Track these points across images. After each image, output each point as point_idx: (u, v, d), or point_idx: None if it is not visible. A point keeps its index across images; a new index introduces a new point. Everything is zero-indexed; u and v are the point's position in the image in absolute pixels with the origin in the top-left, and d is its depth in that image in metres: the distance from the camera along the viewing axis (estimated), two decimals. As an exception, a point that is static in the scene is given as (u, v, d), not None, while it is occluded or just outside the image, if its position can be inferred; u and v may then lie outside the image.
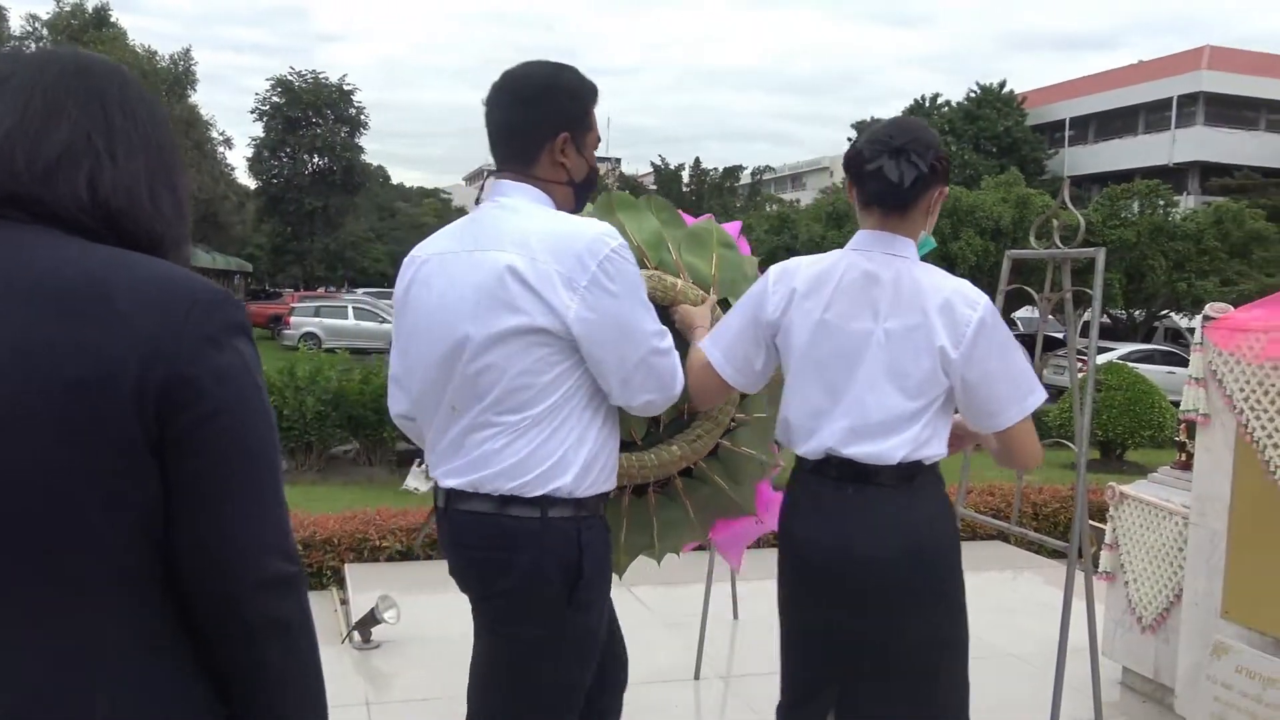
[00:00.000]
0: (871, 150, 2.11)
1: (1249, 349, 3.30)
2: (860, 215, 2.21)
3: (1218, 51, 40.63)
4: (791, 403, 2.19)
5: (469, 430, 1.95)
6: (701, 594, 4.33)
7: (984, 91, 43.03)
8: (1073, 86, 46.04)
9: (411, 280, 2.06)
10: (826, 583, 2.14)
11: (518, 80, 2.05)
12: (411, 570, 5.67)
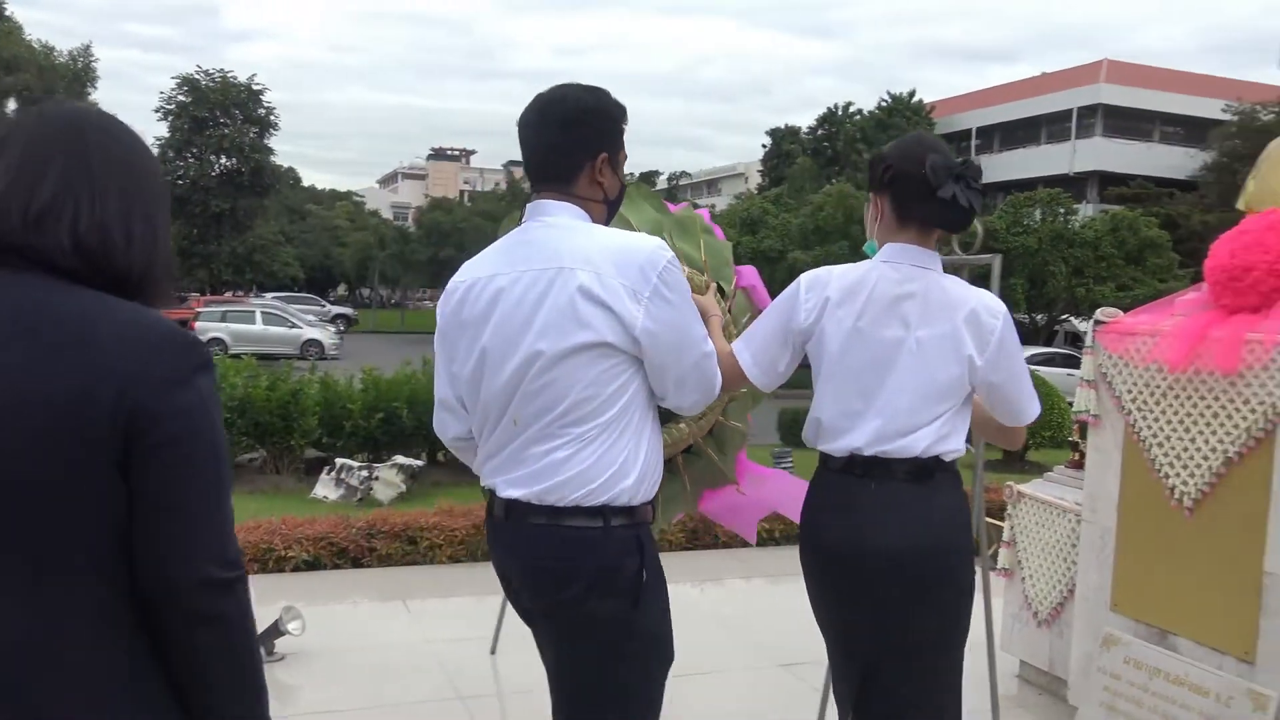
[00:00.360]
0: (939, 176, 2.24)
1: (1136, 352, 3.43)
2: (889, 228, 2.34)
3: (1115, 65, 42.16)
4: (824, 404, 2.33)
5: (532, 442, 2.01)
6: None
7: (895, 101, 43.96)
8: (979, 97, 47.32)
9: (463, 301, 2.09)
10: (858, 576, 2.28)
11: (558, 104, 2.11)
12: (319, 580, 5.57)
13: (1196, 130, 39.80)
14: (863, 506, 2.27)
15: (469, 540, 6.00)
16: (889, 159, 2.33)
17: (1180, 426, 3.26)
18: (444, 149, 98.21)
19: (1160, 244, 27.76)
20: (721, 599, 5.72)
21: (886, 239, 2.34)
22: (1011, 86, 46.24)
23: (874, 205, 2.38)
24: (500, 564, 2.15)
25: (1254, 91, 34.26)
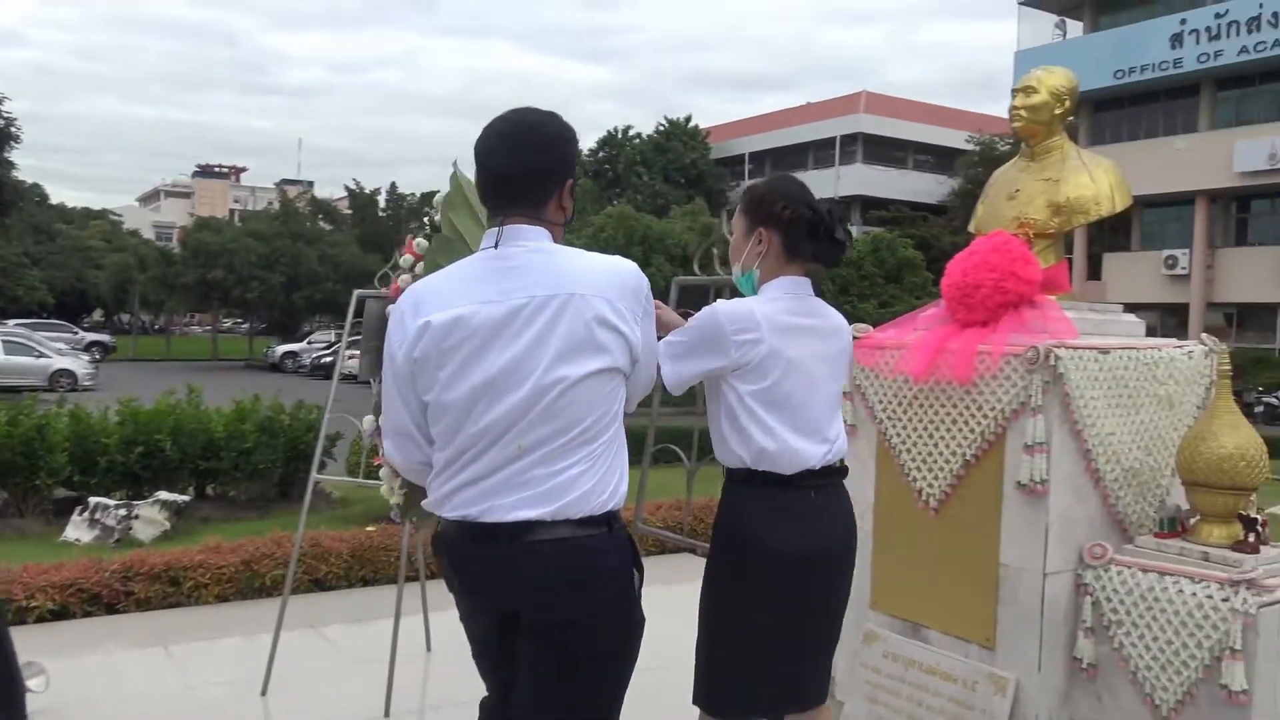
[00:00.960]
0: (831, 219, 2.55)
1: (884, 364, 3.67)
2: (776, 262, 2.60)
3: (873, 97, 45.07)
4: (775, 433, 2.53)
5: (541, 463, 2.04)
6: (390, 628, 4.22)
7: (672, 125, 45.30)
8: (751, 124, 49.42)
9: (449, 330, 2.05)
10: (803, 574, 2.56)
11: (532, 130, 2.13)
12: (67, 631, 5.15)
13: (945, 158, 43.11)
14: (811, 514, 2.58)
15: (238, 577, 5.70)
16: (781, 198, 2.57)
17: (924, 433, 3.50)
18: (212, 166, 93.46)
19: (915, 263, 29.84)
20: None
21: (776, 271, 2.59)
22: (781, 114, 48.58)
23: (759, 238, 2.59)
24: (490, 585, 2.13)
25: (992, 124, 37.45)
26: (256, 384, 11.19)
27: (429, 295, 2.11)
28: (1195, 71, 28.95)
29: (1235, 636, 2.90)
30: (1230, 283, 29.42)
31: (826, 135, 44.38)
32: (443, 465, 2.11)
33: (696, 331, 2.54)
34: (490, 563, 2.09)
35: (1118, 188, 3.60)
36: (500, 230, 2.10)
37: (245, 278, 37.77)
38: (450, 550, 2.16)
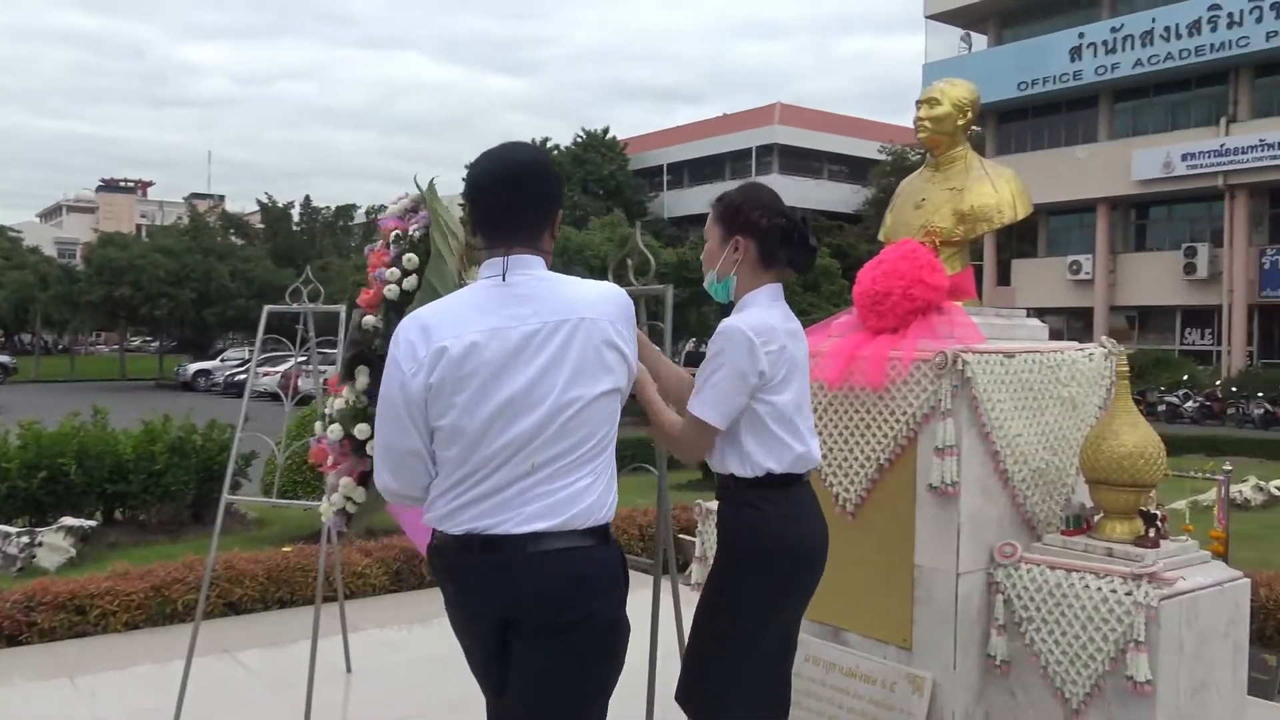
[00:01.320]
0: (804, 226, 2.63)
1: (800, 372, 3.72)
2: (753, 270, 2.65)
3: (787, 109, 45.72)
4: (802, 439, 2.62)
5: (551, 479, 2.15)
6: (308, 651, 4.13)
7: (590, 137, 45.36)
8: (668, 135, 49.73)
9: (465, 357, 2.13)
10: (815, 568, 2.67)
11: (529, 166, 2.27)
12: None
13: (858, 168, 43.94)
14: (814, 507, 2.69)
15: (148, 604, 5.53)
16: (757, 207, 2.63)
17: (841, 439, 3.56)
18: (117, 180, 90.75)
19: (832, 272, 30.30)
20: (431, 639, 5.61)
21: (753, 279, 2.66)
22: (697, 125, 48.97)
23: (735, 246, 2.64)
24: (495, 592, 2.18)
25: (904, 134, 38.26)
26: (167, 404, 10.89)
27: (438, 322, 2.19)
28: (1093, 83, 30.00)
29: (1138, 629, 3.00)
30: (1131, 286, 30.51)
31: (743, 146, 44.88)
32: (450, 485, 2.19)
33: (727, 355, 2.53)
34: (497, 572, 2.17)
35: (1019, 196, 3.71)
36: (506, 260, 2.21)
37: (154, 295, 36.70)
38: (452, 562, 2.24)
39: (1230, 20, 26.95)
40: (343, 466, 2.84)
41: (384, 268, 2.85)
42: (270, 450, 4.90)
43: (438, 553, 2.28)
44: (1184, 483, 8.42)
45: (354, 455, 2.79)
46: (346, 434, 2.78)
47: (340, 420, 2.75)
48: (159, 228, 48.58)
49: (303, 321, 4.49)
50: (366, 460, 2.75)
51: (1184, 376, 26.00)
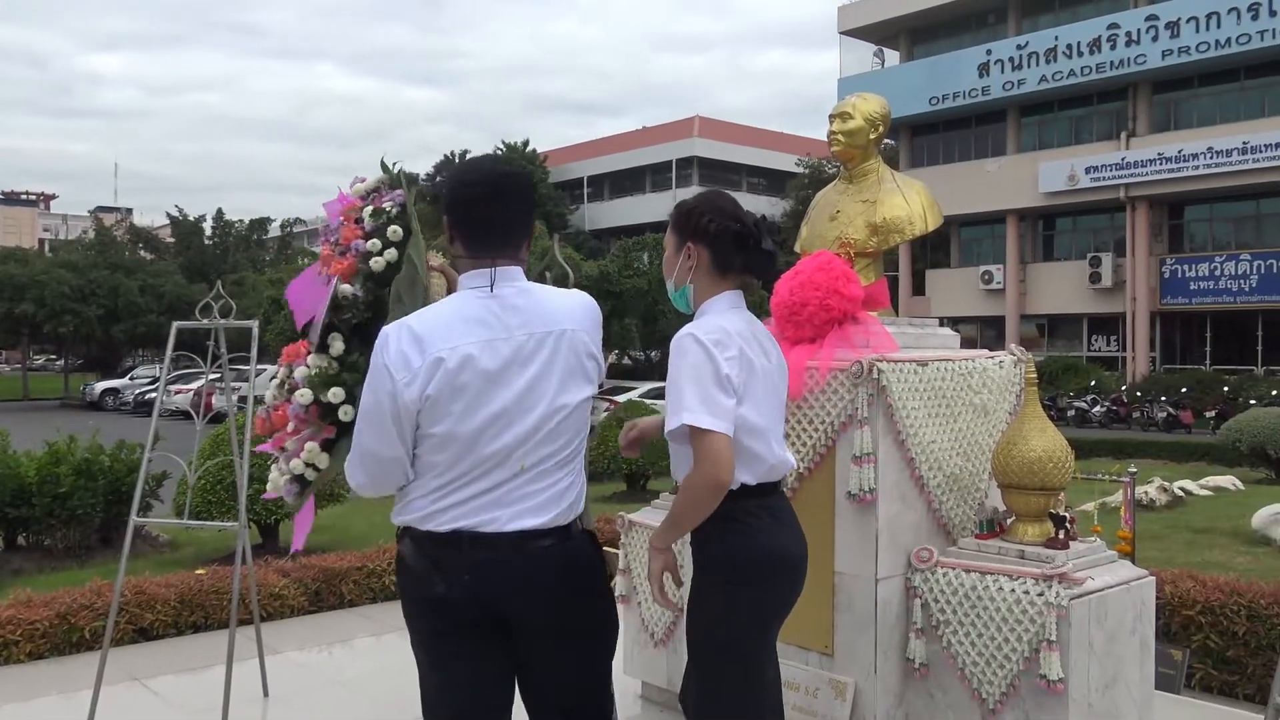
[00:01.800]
0: (759, 231, 2.53)
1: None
2: (709, 277, 2.56)
3: (706, 122, 46.17)
4: (771, 448, 2.51)
5: (536, 479, 2.28)
6: (223, 676, 4.03)
7: (509, 149, 45.22)
8: (588, 148, 49.83)
9: (462, 367, 2.22)
10: (801, 575, 2.59)
11: (512, 179, 2.37)
12: None
13: (776, 181, 44.55)
14: (791, 514, 2.61)
15: (53, 632, 5.33)
16: (708, 212, 2.54)
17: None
18: (18, 192, 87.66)
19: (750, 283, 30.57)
20: (351, 660, 5.51)
21: (711, 286, 2.57)
22: (617, 138, 49.17)
23: (688, 253, 2.56)
24: (490, 590, 2.26)
25: (820, 147, 38.90)
26: (73, 424, 10.53)
27: (430, 333, 2.24)
28: (1001, 98, 30.89)
29: (1050, 628, 3.08)
30: (1040, 295, 31.42)
31: (663, 159, 45.18)
32: (435, 487, 2.27)
33: (685, 361, 2.40)
34: (488, 568, 2.26)
35: (929, 208, 3.80)
36: (494, 272, 2.29)
37: (58, 311, 35.47)
38: (436, 558, 2.28)
39: (1128, 39, 28.01)
40: (305, 433, 2.77)
41: (360, 239, 2.79)
42: (183, 470, 4.77)
43: (417, 550, 2.31)
44: (1092, 485, 8.69)
45: (320, 421, 2.72)
46: (315, 399, 2.70)
47: (310, 385, 2.67)
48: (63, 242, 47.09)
49: (214, 338, 4.38)
50: (333, 427, 2.70)
51: (1092, 382, 26.85)
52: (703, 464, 2.33)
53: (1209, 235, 29.40)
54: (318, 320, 2.85)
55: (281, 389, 2.85)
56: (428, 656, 2.40)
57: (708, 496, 2.35)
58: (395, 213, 2.86)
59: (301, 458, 2.75)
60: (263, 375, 18.01)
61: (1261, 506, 9.59)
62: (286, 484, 2.84)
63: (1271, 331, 27.45)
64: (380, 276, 2.75)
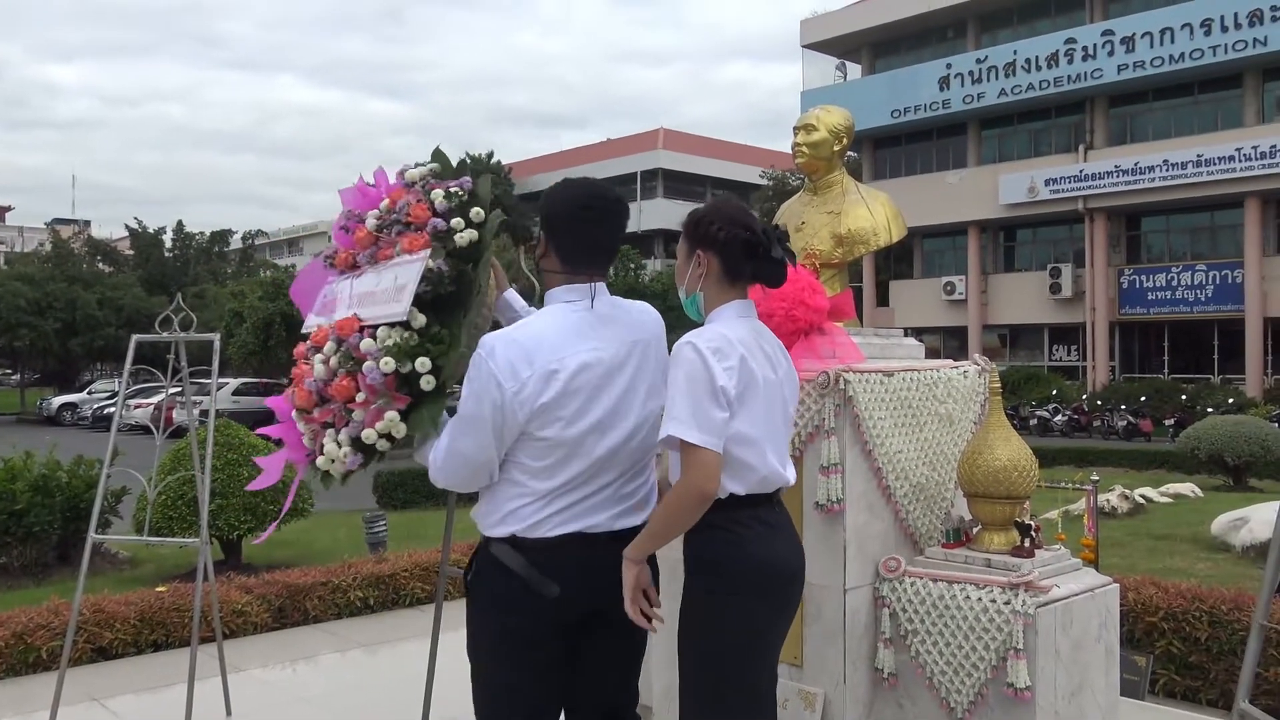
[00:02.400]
0: (769, 239, 2.49)
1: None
2: (719, 285, 2.52)
3: (670, 134, 46.38)
4: (766, 460, 2.45)
5: (632, 479, 2.50)
6: (184, 695, 3.96)
7: (474, 161, 45.08)
8: (553, 160, 49.86)
9: (575, 375, 2.37)
10: (796, 589, 2.54)
11: (615, 202, 2.55)
12: None
13: (741, 193, 44.64)
14: (787, 527, 2.56)
15: (9, 652, 5.21)
16: (717, 220, 2.51)
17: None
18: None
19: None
20: (315, 677, 5.43)
21: (720, 294, 2.54)
22: (582, 150, 49.25)
23: (698, 261, 2.53)
24: (590, 585, 2.41)
25: (784, 160, 39.17)
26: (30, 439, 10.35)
27: (538, 344, 2.39)
28: (962, 111, 31.27)
29: (1017, 636, 3.10)
30: (1002, 305, 31.79)
31: (628, 170, 45.29)
32: (544, 492, 2.41)
33: (680, 369, 2.39)
34: (596, 567, 2.40)
35: (894, 219, 3.83)
36: (594, 288, 2.49)
37: (13, 325, 34.90)
38: (550, 562, 2.39)
39: (1085, 53, 28.47)
40: (378, 403, 2.68)
41: (437, 218, 2.80)
42: (143, 486, 4.69)
43: (525, 556, 2.40)
44: (1056, 493, 8.77)
45: (392, 391, 2.67)
46: (396, 369, 2.65)
47: (393, 355, 2.63)
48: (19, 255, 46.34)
49: (174, 351, 4.32)
50: (407, 398, 2.66)
51: (1053, 391, 27.18)
52: (687, 475, 2.33)
53: (1165, 246, 29.90)
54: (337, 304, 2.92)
55: (345, 361, 2.75)
56: (509, 662, 2.46)
57: (690, 508, 2.34)
58: (465, 198, 2.87)
59: (377, 427, 2.66)
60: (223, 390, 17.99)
61: (1220, 513, 9.73)
62: (351, 455, 2.75)
63: (1227, 341, 27.94)
64: (462, 253, 2.77)
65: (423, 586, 6.74)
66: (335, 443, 2.77)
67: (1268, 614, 2.84)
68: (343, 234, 3.12)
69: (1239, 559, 8.55)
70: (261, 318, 27.92)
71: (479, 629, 2.51)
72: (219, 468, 7.90)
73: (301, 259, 53.44)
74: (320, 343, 2.87)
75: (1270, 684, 4.50)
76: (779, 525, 2.53)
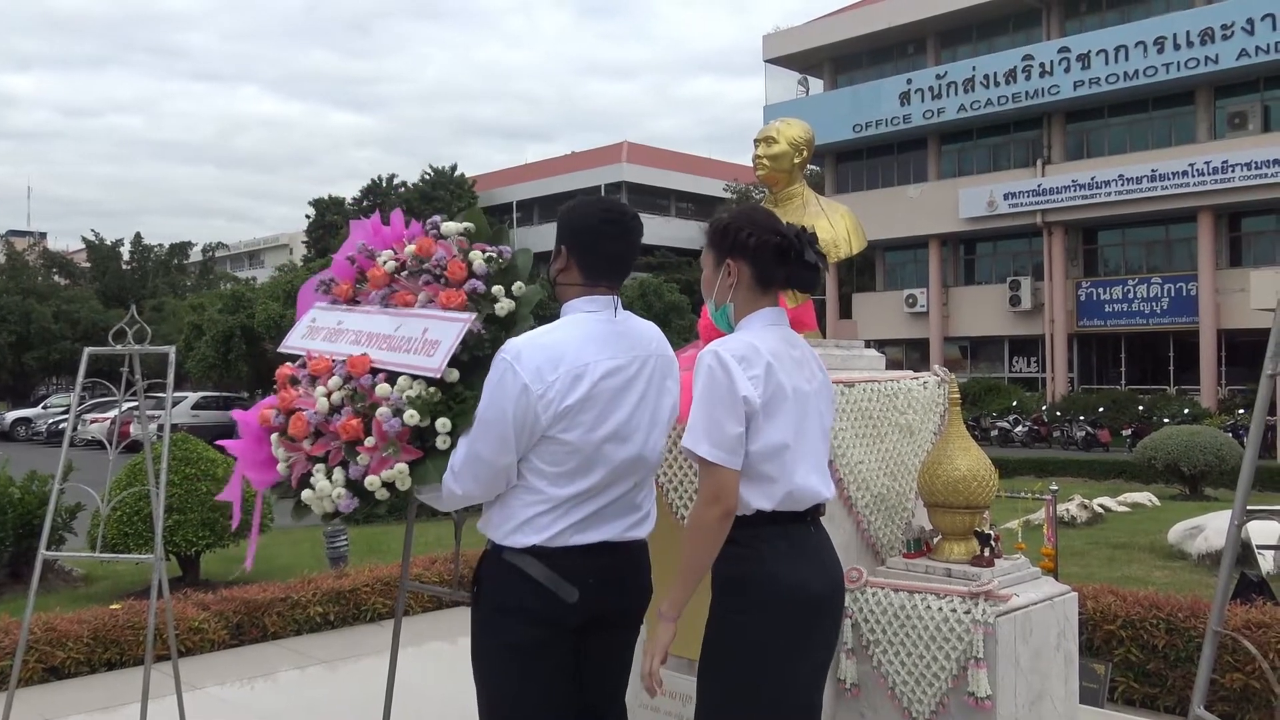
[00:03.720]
0: (800, 243, 2.41)
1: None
2: (750, 292, 2.46)
3: (634, 148, 46.49)
4: (795, 471, 2.37)
5: (640, 490, 2.53)
6: (138, 714, 3.89)
7: (437, 174, 44.95)
8: (518, 173, 49.82)
9: (596, 381, 2.39)
10: (824, 615, 2.42)
11: (632, 219, 2.57)
12: None
13: (705, 206, 44.93)
14: (820, 550, 2.45)
15: (-43, 673, 5.09)
16: (747, 227, 2.44)
17: (690, 472, 3.58)
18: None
19: (682, 307, 30.83)
20: (271, 695, 5.35)
21: (750, 302, 2.47)
22: (547, 163, 49.23)
23: (728, 270, 2.46)
24: (601, 592, 2.43)
25: (747, 173, 39.39)
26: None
27: (562, 349, 2.40)
28: (922, 126, 31.63)
29: (977, 646, 3.11)
30: (962, 318, 32.13)
31: (592, 184, 45.28)
32: (561, 500, 2.40)
33: (701, 381, 2.32)
34: (608, 574, 2.44)
35: (854, 231, 3.85)
36: (615, 300, 2.52)
37: (-34, 339, 34.38)
38: (570, 568, 2.40)
39: (1042, 70, 28.92)
40: (385, 451, 2.64)
41: (477, 280, 2.82)
42: (97, 502, 4.60)
43: (546, 565, 2.40)
44: (1016, 503, 8.86)
45: (402, 442, 2.64)
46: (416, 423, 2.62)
47: (416, 408, 2.60)
48: (-29, 267, 45.49)
49: (129, 364, 4.25)
50: (419, 451, 2.63)
51: (1013, 402, 27.49)
52: (702, 493, 2.29)
53: (1122, 259, 30.37)
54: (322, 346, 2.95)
55: (352, 399, 2.72)
56: (522, 672, 2.45)
57: (708, 527, 2.27)
58: (505, 265, 2.90)
59: (382, 475, 2.63)
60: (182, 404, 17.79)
61: (1176, 521, 9.87)
62: (346, 498, 2.68)
63: (1182, 352, 28.41)
64: (499, 320, 2.78)
65: (384, 601, 6.67)
66: (327, 479, 2.72)
67: (1221, 620, 2.87)
68: (346, 264, 3.11)
69: (1195, 567, 8.67)
70: (221, 331, 27.61)
71: (491, 639, 2.47)
72: (176, 483, 7.78)
73: (263, 272, 52.94)
74: (319, 373, 2.83)
75: (1227, 690, 4.56)
76: (809, 547, 2.42)
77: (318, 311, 3.11)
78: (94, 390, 24.87)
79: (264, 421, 2.89)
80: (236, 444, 3.00)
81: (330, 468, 2.72)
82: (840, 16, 34.00)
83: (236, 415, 3.08)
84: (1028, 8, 30.20)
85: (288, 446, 2.81)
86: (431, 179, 44.72)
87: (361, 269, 3.08)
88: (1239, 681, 4.54)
